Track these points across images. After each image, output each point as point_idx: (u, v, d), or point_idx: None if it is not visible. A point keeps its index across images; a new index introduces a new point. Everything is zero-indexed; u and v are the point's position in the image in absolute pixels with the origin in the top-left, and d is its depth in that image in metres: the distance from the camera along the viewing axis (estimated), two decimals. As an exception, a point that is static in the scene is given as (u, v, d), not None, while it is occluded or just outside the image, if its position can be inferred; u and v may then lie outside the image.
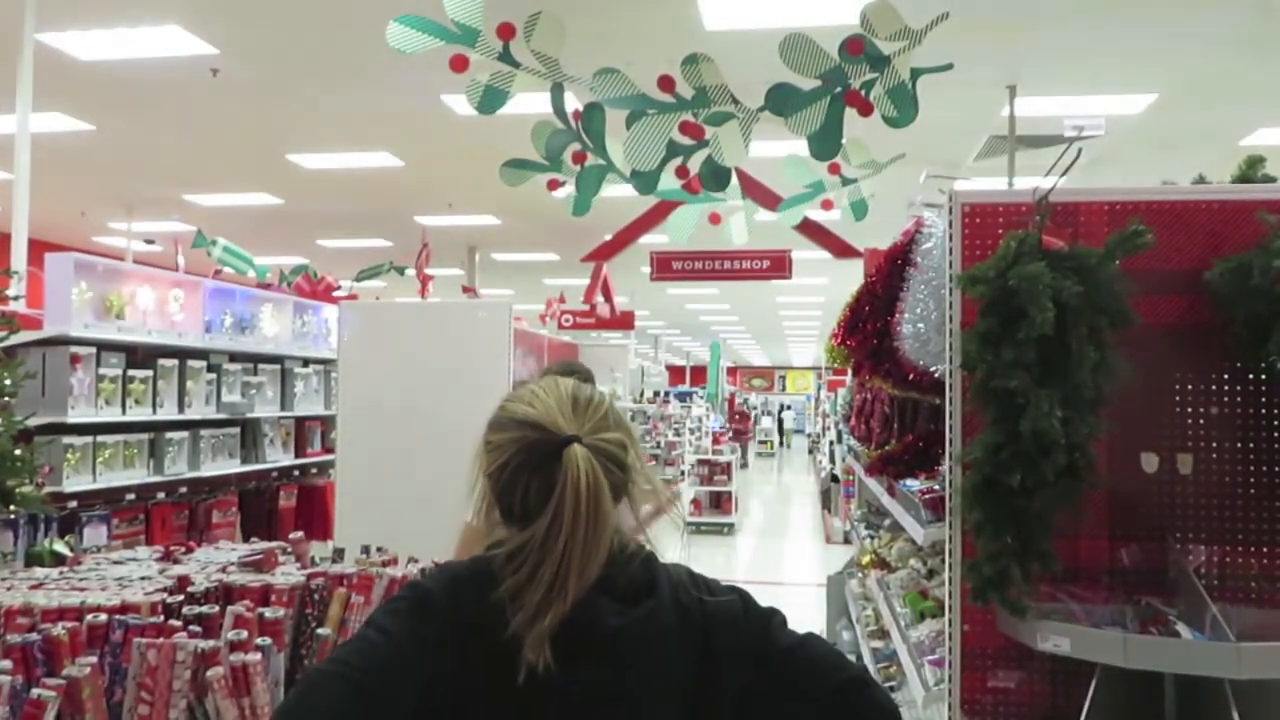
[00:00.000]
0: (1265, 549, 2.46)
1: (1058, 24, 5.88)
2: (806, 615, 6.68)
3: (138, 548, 3.07)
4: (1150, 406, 2.48)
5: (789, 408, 38.54)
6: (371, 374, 5.29)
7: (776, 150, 5.13)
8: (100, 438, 5.07)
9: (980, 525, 2.23)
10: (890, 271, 3.35)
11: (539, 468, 1.29)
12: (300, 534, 2.80)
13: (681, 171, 4.15)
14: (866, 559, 5.08)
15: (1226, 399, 2.49)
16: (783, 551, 13.03)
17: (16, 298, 3.98)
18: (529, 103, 4.14)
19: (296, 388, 6.99)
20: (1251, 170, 2.66)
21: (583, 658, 1.24)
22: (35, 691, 1.63)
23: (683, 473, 14.72)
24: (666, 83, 3.87)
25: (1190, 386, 2.50)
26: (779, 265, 10.13)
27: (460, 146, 8.51)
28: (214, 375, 6.03)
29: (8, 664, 1.74)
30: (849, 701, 1.31)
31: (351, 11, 5.73)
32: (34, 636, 1.83)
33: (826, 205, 5.28)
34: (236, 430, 6.29)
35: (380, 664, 1.21)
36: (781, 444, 35.30)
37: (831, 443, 15.16)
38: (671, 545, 1.51)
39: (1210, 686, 2.06)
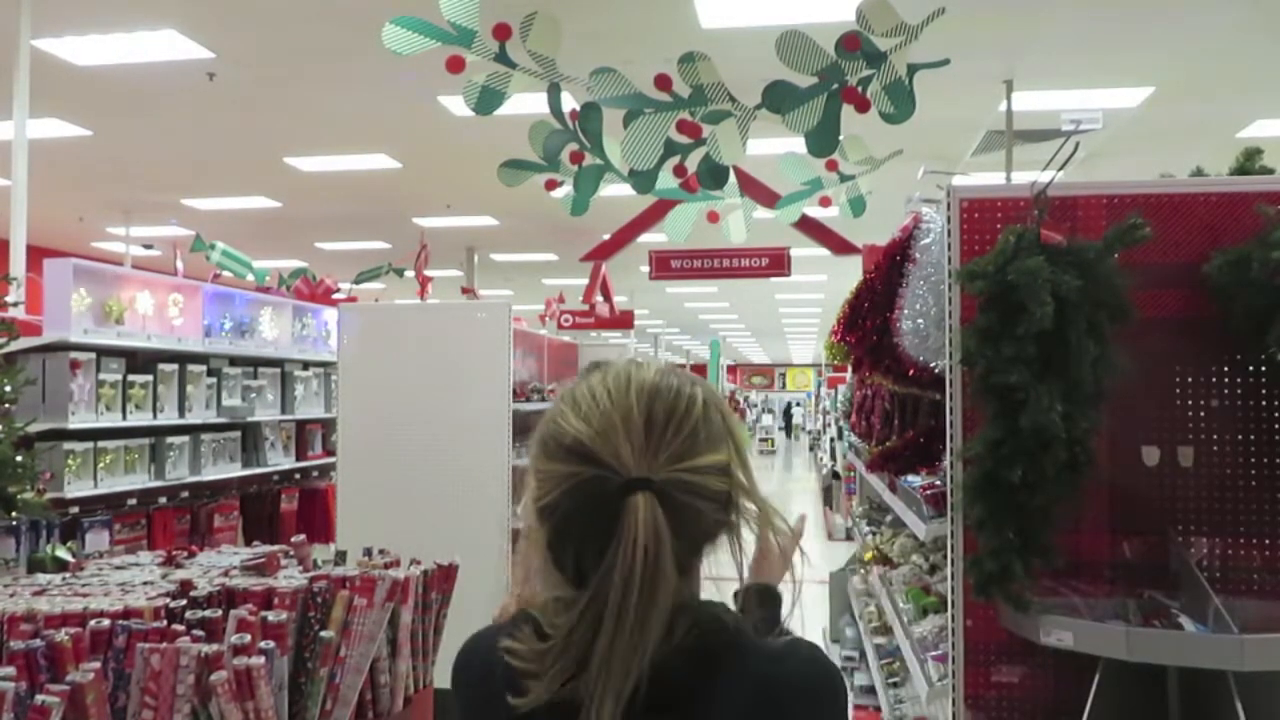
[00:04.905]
0: (1267, 541, 2.46)
1: (1054, 18, 5.88)
2: (809, 612, 6.66)
3: (140, 552, 3.07)
4: (1150, 400, 2.48)
5: (799, 404, 38.61)
6: (372, 376, 5.29)
7: (774, 148, 5.14)
8: (101, 443, 5.07)
9: (982, 520, 2.23)
10: (889, 268, 3.35)
11: (594, 518, 0.98)
12: (302, 537, 2.80)
13: (679, 170, 4.15)
14: (869, 555, 5.08)
15: (1227, 391, 2.48)
16: (785, 549, 13.00)
17: (16, 304, 3.98)
18: (526, 103, 4.14)
19: (297, 391, 7.00)
20: (1249, 162, 2.65)
21: None
22: (39, 698, 1.63)
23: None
24: (663, 81, 3.88)
25: (1190, 379, 2.50)
26: (778, 263, 10.11)
27: (458, 147, 8.50)
28: (214, 379, 6.04)
29: (11, 670, 1.74)
30: None
31: (347, 13, 5.73)
32: (37, 643, 1.83)
33: (824, 202, 5.28)
34: (237, 434, 6.30)
35: None
36: (791, 438, 35.94)
37: (832, 439, 15.15)
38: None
39: (1213, 679, 2.06)
